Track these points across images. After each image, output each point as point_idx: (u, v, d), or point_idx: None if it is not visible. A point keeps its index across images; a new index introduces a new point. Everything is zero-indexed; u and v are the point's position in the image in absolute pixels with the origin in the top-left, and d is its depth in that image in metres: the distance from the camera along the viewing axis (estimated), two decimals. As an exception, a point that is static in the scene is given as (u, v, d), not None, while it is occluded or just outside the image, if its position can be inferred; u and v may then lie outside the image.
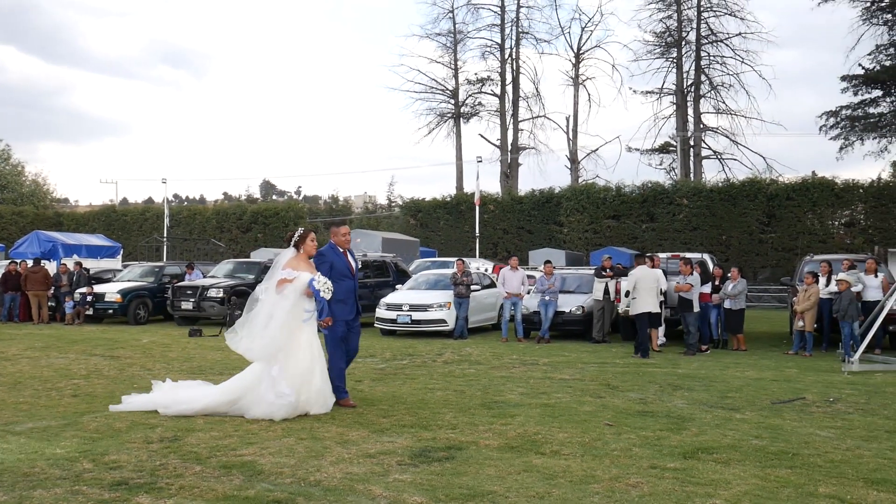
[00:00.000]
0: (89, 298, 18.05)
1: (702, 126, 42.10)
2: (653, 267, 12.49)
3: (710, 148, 42.60)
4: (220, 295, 17.28)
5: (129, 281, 19.34)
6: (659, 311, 12.21)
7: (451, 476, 4.73)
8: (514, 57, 45.55)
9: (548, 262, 15.06)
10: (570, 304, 14.61)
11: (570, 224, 34.67)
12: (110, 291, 18.20)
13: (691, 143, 41.55)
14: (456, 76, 46.93)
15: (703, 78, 41.70)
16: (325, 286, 6.75)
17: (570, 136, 45.25)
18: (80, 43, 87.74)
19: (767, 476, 4.77)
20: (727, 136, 41.51)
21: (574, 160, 44.99)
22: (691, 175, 40.05)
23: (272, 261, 20.01)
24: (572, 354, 12.05)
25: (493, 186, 57.79)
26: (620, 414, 6.90)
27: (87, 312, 18.13)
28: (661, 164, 44.02)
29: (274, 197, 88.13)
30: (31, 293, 18.37)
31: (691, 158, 41.58)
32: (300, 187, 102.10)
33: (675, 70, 42.08)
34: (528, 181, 75.53)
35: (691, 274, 12.29)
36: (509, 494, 4.36)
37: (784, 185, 31.40)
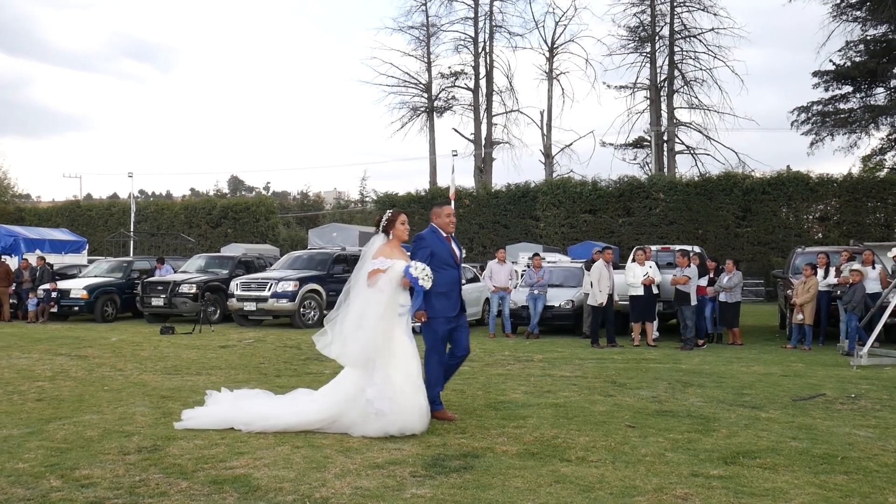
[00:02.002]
0: (54, 295, 17.15)
1: (675, 121, 42.07)
2: (644, 258, 12.26)
3: (683, 143, 42.65)
4: (193, 291, 16.50)
5: (95, 277, 18.46)
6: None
7: (475, 490, 4.18)
8: (487, 51, 45.09)
9: (536, 254, 14.59)
10: (559, 298, 14.15)
11: (547, 219, 34.35)
12: (76, 287, 17.31)
13: (665, 137, 41.49)
14: (429, 70, 46.33)
15: (676, 73, 41.65)
16: (423, 273, 5.79)
17: (544, 131, 44.95)
18: (40, 35, 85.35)
19: (825, 484, 4.31)
20: (700, 132, 41.55)
21: (548, 155, 44.72)
22: (665, 170, 39.97)
23: (247, 255, 19.12)
24: (566, 350, 11.59)
25: (466, 181, 57.39)
26: (638, 414, 6.42)
27: (52, 310, 17.23)
28: (634, 159, 43.96)
29: (242, 193, 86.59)
30: (-9, 290, 17.40)
31: (665, 153, 41.53)
32: (269, 183, 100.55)
33: (648, 65, 41.99)
34: (503, 176, 75.28)
35: (689, 266, 11.89)
36: (547, 511, 3.84)
37: (759, 180, 31.41)
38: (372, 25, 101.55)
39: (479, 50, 45.27)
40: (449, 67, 46.61)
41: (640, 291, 12.15)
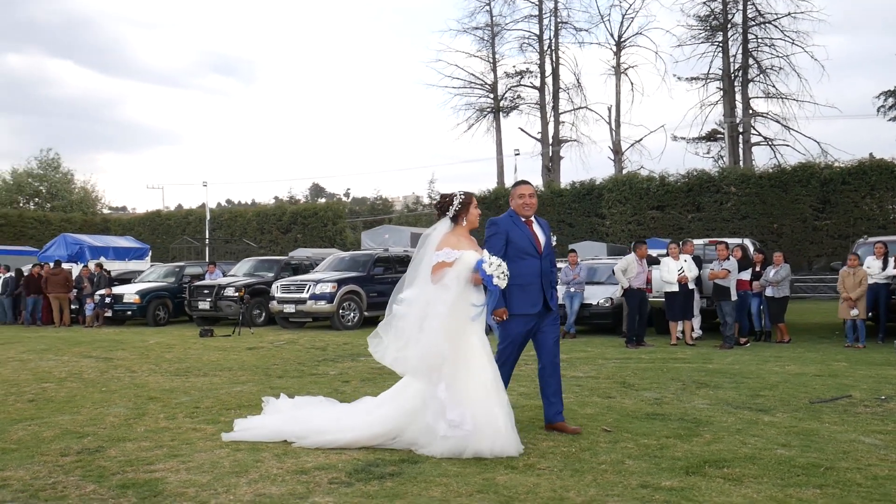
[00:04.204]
0: (108, 300, 17.70)
1: (751, 111, 40.15)
2: (678, 252, 11.61)
3: (760, 134, 40.63)
4: (238, 294, 16.68)
5: (149, 282, 18.96)
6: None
7: (383, 498, 3.82)
8: (553, 48, 44.30)
9: (572, 251, 14.01)
10: (597, 295, 13.53)
11: (613, 216, 33.36)
12: (129, 292, 17.82)
13: (740, 129, 39.69)
14: (494, 70, 45.91)
15: (750, 62, 39.73)
16: (498, 270, 4.90)
17: (613, 127, 43.77)
18: (133, 55, 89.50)
19: (786, 499, 3.74)
20: (778, 122, 39.45)
21: (617, 151, 43.53)
22: (741, 163, 38.21)
23: (293, 258, 19.19)
24: (595, 350, 11.01)
25: (535, 181, 56.56)
26: (626, 417, 5.89)
27: (107, 314, 17.79)
28: (708, 153, 42.26)
29: (322, 199, 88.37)
30: (52, 296, 18.12)
31: (740, 145, 39.72)
32: (349, 189, 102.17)
33: (721, 54, 40.23)
34: (571, 174, 73.73)
35: (728, 259, 11.09)
36: (445, 524, 3.45)
37: (839, 169, 29.51)
38: (438, 28, 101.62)
39: (545, 48, 44.57)
40: (514, 66, 46.13)
41: (676, 288, 11.43)
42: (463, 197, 5.21)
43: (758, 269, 11.94)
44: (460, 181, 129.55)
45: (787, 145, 39.31)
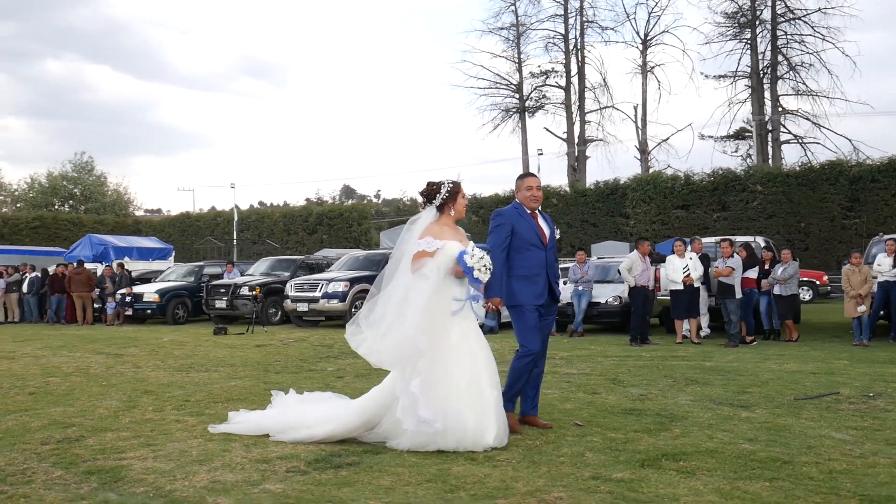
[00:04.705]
0: (128, 299, 18.08)
1: (780, 109, 39.49)
2: (684, 250, 11.51)
3: (790, 132, 39.94)
4: (252, 293, 16.92)
5: (169, 281, 19.31)
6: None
7: (331, 487, 3.89)
8: (578, 47, 44.08)
9: (580, 249, 13.95)
10: (606, 294, 13.46)
11: (637, 215, 33.10)
12: (148, 292, 18.19)
13: (769, 127, 39.06)
14: (520, 70, 45.82)
15: (780, 58, 39.09)
16: (480, 262, 4.76)
17: (640, 126, 43.41)
18: (167, 60, 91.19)
19: (732, 492, 3.72)
20: (808, 119, 38.74)
21: (644, 150, 43.15)
22: (770, 161, 37.61)
23: (310, 257, 19.38)
24: (598, 348, 10.97)
25: (561, 180, 56.31)
26: (603, 412, 5.88)
27: (127, 313, 18.17)
28: (736, 151, 41.69)
29: (352, 200, 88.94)
30: (76, 295, 18.57)
31: (769, 144, 39.10)
32: (379, 191, 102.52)
33: (749, 52, 39.66)
34: (597, 173, 72.74)
35: (731, 256, 10.97)
36: (383, 511, 3.50)
37: (869, 167, 28.91)
38: (463, 29, 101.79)
39: (570, 47, 44.37)
40: (539, 66, 45.93)
41: (681, 286, 11.33)
42: (451, 185, 5.06)
43: (766, 267, 11.78)
44: (486, 182, 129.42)
45: (818, 143, 38.59)
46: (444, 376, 4.69)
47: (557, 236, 5.72)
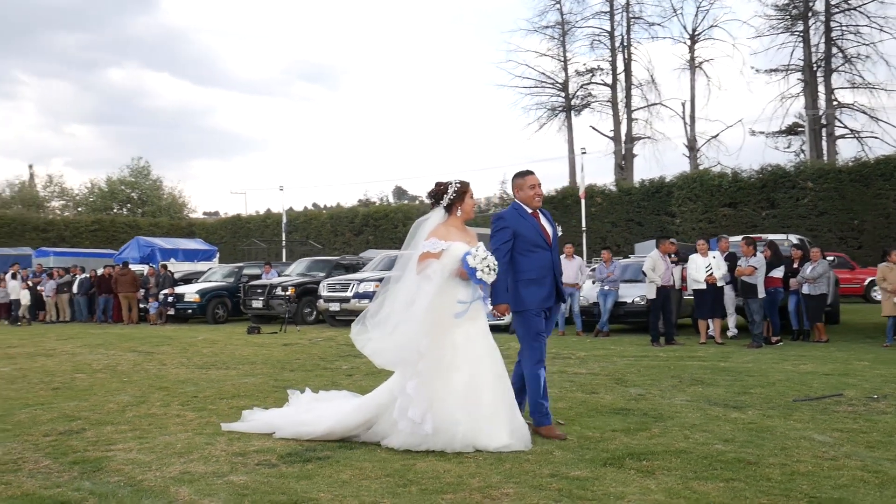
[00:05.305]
0: (170, 299, 18.66)
1: (835, 103, 38.24)
2: (707, 249, 11.32)
3: (845, 126, 38.63)
4: (286, 293, 17.28)
5: (210, 282, 19.85)
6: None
7: (291, 479, 4.02)
8: (625, 44, 43.53)
9: (606, 248, 13.84)
10: (632, 293, 13.32)
11: (683, 214, 32.53)
12: (189, 292, 18.73)
13: (823, 122, 37.87)
14: (565, 68, 45.50)
15: (834, 51, 37.84)
16: (483, 263, 4.70)
17: (688, 123, 42.62)
18: (224, 66, 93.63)
19: (683, 491, 3.70)
20: (865, 112, 37.40)
21: (692, 147, 42.33)
22: (824, 157, 36.46)
23: (345, 257, 19.58)
24: (618, 348, 10.89)
25: (605, 179, 55.58)
26: (591, 411, 5.87)
27: (170, 312, 18.76)
28: (788, 147, 40.53)
29: (405, 201, 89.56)
30: (122, 295, 19.25)
31: (823, 139, 37.91)
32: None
33: (801, 44, 38.53)
34: (644, 171, 71.30)
35: (754, 255, 10.74)
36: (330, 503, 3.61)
37: (926, 161, 27.80)
38: (508, 28, 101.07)
39: (616, 44, 43.87)
40: (584, 64, 45.51)
41: (704, 286, 11.15)
42: (458, 185, 5.00)
43: (795, 265, 11.50)
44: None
45: (876, 137, 37.21)
46: (441, 379, 4.65)
47: (560, 234, 5.54)
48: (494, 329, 5.10)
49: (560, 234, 5.67)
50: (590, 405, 6.18)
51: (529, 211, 5.27)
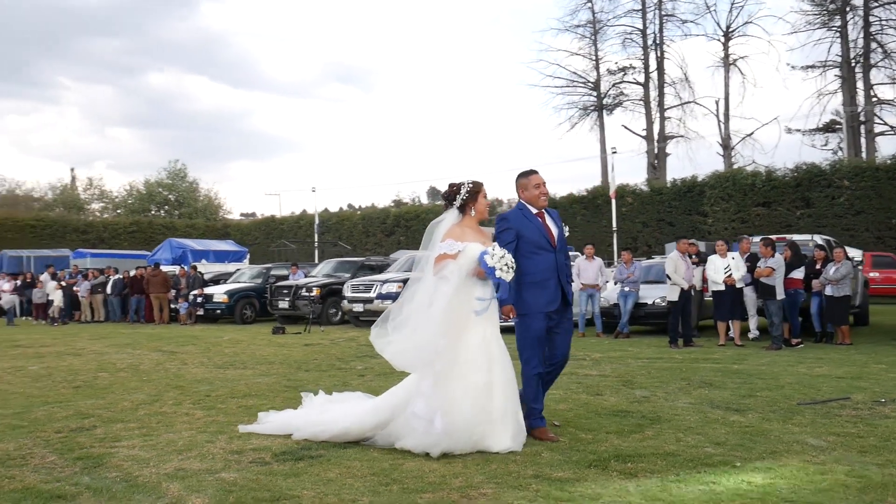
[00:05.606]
0: (199, 300, 19.04)
1: (874, 99, 37.39)
2: (726, 250, 11.21)
3: (885, 123, 37.73)
4: (311, 293, 17.51)
5: (239, 282, 20.20)
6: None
7: (279, 477, 4.13)
8: (657, 42, 43.10)
9: (627, 249, 13.76)
10: (653, 295, 13.23)
11: (715, 214, 32.10)
12: (218, 293, 19.08)
13: (862, 118, 37.04)
14: (597, 67, 45.24)
15: (873, 45, 37.00)
16: (501, 262, 4.69)
17: (722, 121, 42.02)
18: (261, 69, 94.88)
19: (659, 493, 3.72)
20: (905, 108, 36.49)
21: (727, 146, 41.74)
22: (863, 154, 35.67)
23: (370, 258, 19.74)
24: (634, 349, 10.84)
25: (637, 178, 55.01)
26: (590, 413, 5.89)
27: (199, 313, 19.13)
28: (826, 145, 39.73)
29: (438, 202, 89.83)
30: (153, 295, 19.69)
31: (862, 136, 37.08)
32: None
33: (839, 40, 37.74)
34: (678, 171, 70.34)
35: (772, 256, 10.60)
36: (311, 503, 3.70)
37: (968, 158, 27.03)
38: (538, 28, 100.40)
39: (649, 42, 43.47)
40: (616, 63, 45.19)
41: (722, 287, 11.04)
42: (471, 185, 5.01)
43: (818, 266, 11.31)
44: (563, 182, 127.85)
45: (918, 134, 36.35)
46: (457, 378, 4.64)
47: (567, 234, 5.56)
48: (503, 330, 5.11)
49: (567, 234, 5.62)
50: (591, 407, 6.19)
51: (534, 211, 5.21)
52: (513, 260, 4.77)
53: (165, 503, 3.72)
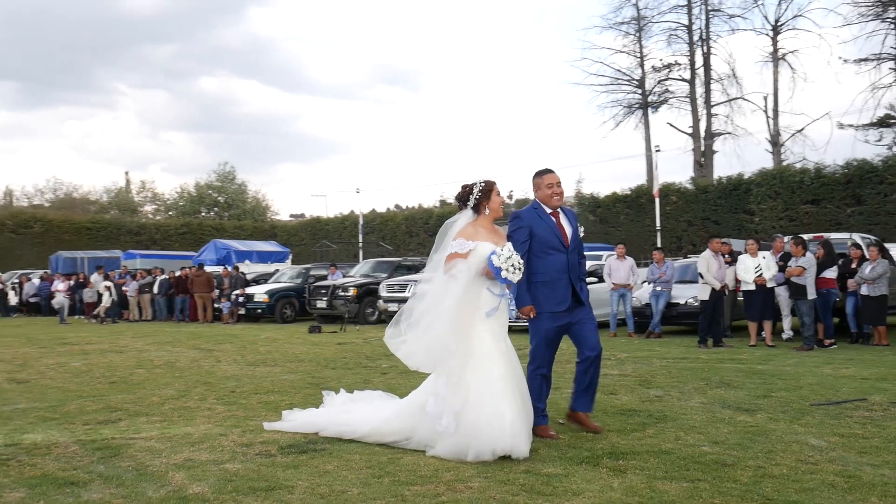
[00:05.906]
0: (241, 299, 19.51)
1: (931, 91, 36.06)
2: (757, 249, 11.06)
3: (943, 117, 36.35)
4: (348, 293, 17.80)
5: (280, 282, 20.63)
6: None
7: (279, 469, 4.31)
8: (703, 38, 42.36)
9: (658, 248, 13.66)
10: (685, 295, 13.10)
11: (762, 212, 31.42)
12: (259, 292, 19.52)
13: (918, 112, 35.77)
14: (641, 65, 44.64)
15: (929, 36, 35.71)
16: (507, 262, 4.66)
17: (771, 117, 41.07)
18: (309, 72, 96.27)
19: (643, 490, 3.77)
20: (965, 101, 35.09)
21: (776, 143, 40.77)
22: (920, 150, 34.47)
23: (407, 259, 19.94)
24: (662, 349, 10.77)
25: (682, 177, 54.09)
26: (601, 412, 5.91)
27: (240, 312, 19.61)
28: (880, 140, 38.38)
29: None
30: (197, 295, 20.26)
31: (919, 130, 35.82)
32: (511, 191, 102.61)
33: (894, 31, 36.54)
34: (725, 168, 68.63)
35: (803, 255, 10.41)
36: (304, 493, 3.86)
37: None
38: (582, 25, 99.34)
39: (695, 38, 42.76)
40: (661, 60, 44.55)
41: (753, 287, 10.89)
42: (483, 184, 5.01)
43: (853, 265, 11.07)
44: (608, 181, 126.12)
45: (978, 128, 34.96)
46: (471, 377, 4.63)
47: (582, 234, 5.59)
48: (511, 330, 5.09)
49: (582, 234, 5.63)
50: (601, 406, 6.21)
51: (549, 211, 5.22)
52: (521, 261, 4.77)
53: (168, 491, 3.93)
